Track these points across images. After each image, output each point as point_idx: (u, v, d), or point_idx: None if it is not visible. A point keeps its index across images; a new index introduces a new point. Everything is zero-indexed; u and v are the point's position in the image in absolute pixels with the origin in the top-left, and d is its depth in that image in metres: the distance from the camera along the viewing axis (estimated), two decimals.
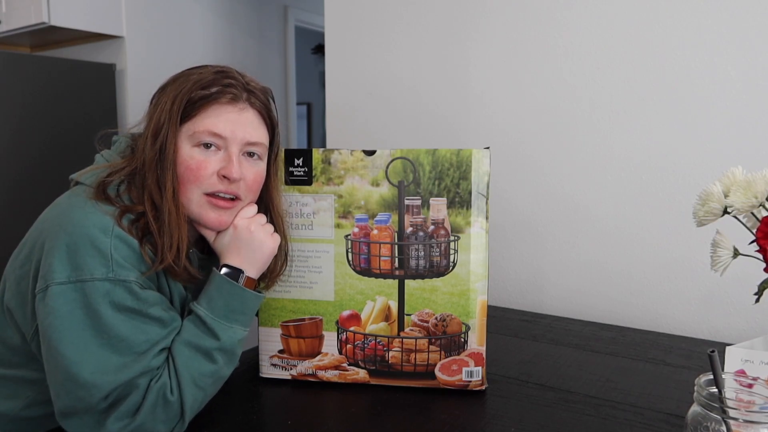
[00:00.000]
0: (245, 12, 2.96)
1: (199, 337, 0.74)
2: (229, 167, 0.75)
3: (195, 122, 0.75)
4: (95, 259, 0.68)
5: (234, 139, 0.76)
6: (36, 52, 2.78)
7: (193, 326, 0.75)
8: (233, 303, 0.76)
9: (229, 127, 0.75)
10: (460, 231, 0.85)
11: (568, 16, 1.31)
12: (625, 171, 1.27)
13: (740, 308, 1.16)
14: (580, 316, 1.33)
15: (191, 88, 0.75)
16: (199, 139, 0.75)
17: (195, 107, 0.75)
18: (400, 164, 0.86)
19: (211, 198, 0.76)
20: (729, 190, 0.70)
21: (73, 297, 0.67)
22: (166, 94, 0.76)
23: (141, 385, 0.69)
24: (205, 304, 0.76)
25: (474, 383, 0.87)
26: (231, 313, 0.76)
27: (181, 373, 0.72)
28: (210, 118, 0.75)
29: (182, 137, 0.75)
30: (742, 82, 1.14)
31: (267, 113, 0.81)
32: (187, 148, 0.75)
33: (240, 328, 0.77)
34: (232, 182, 0.76)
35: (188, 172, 0.75)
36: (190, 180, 0.75)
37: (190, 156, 0.75)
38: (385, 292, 0.87)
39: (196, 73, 0.77)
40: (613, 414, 0.81)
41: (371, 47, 1.61)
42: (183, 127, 0.75)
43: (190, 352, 0.73)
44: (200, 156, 0.75)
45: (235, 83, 0.77)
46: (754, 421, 0.51)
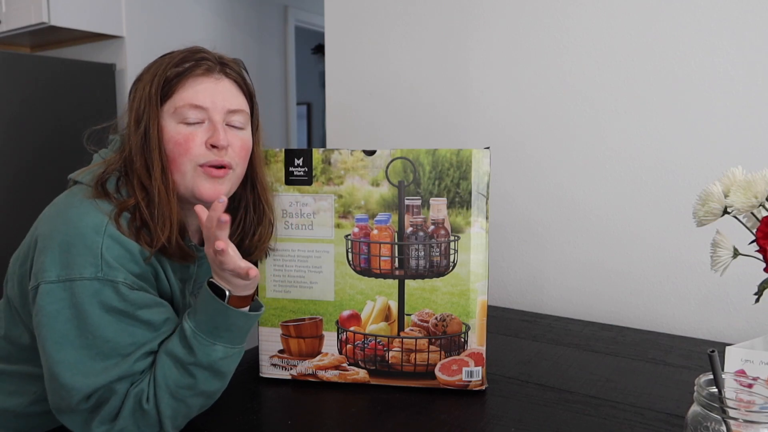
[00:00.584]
0: (245, 12, 2.96)
1: (179, 349, 0.72)
2: (215, 136, 0.76)
3: (174, 99, 0.76)
4: (85, 258, 0.68)
5: (215, 109, 0.77)
6: (36, 52, 2.78)
7: (177, 337, 0.73)
8: (217, 319, 0.72)
9: (209, 98, 0.76)
10: (460, 231, 0.85)
11: (568, 16, 1.31)
12: (625, 171, 1.27)
13: (740, 308, 1.16)
14: (580, 316, 1.33)
15: (165, 68, 0.76)
16: (183, 115, 0.75)
17: (172, 85, 0.76)
18: (400, 164, 0.86)
19: (204, 168, 0.76)
20: (729, 190, 0.70)
21: (61, 296, 0.68)
22: (142, 81, 0.78)
23: (119, 390, 0.69)
24: (192, 316, 0.73)
25: (474, 383, 0.87)
26: (215, 330, 0.72)
27: (158, 382, 0.70)
28: (188, 91, 0.76)
29: (165, 117, 0.76)
30: (742, 82, 1.14)
31: (243, 82, 0.82)
32: (172, 125, 0.76)
33: (223, 346, 0.72)
34: (221, 149, 0.76)
35: (177, 147, 0.75)
36: (180, 153, 0.75)
37: (176, 132, 0.75)
38: (385, 292, 0.87)
39: (167, 56, 0.79)
40: (613, 414, 0.81)
41: (371, 47, 1.61)
42: (164, 107, 0.76)
43: (169, 362, 0.71)
44: (186, 130, 0.76)
45: (207, 56, 0.79)
46: (754, 421, 0.51)
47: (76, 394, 0.67)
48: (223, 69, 0.79)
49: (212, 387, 0.73)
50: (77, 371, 0.67)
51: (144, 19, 2.49)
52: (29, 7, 2.23)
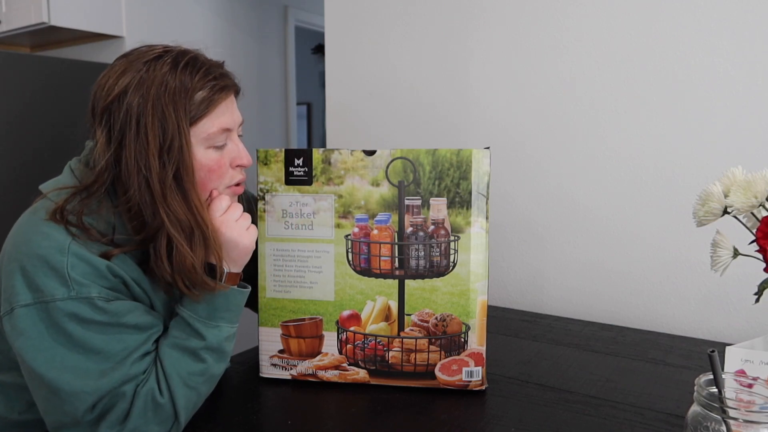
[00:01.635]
0: (245, 12, 2.95)
1: (185, 339, 0.73)
2: (241, 155, 0.77)
3: (205, 125, 0.73)
4: (53, 281, 0.66)
5: (235, 127, 0.78)
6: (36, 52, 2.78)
7: (178, 328, 0.74)
8: (216, 301, 0.75)
9: (232, 118, 0.77)
10: (460, 231, 0.85)
11: (568, 16, 1.31)
12: (625, 171, 1.27)
13: (740, 308, 1.16)
14: (580, 316, 1.33)
15: (190, 90, 0.71)
16: (214, 140, 0.75)
17: (200, 110, 0.73)
18: (400, 164, 0.86)
19: (231, 188, 0.79)
20: (729, 190, 0.70)
21: (40, 317, 0.66)
22: (146, 104, 0.69)
23: (127, 392, 0.68)
24: (188, 304, 0.74)
25: (474, 383, 0.87)
26: (215, 312, 0.75)
27: (169, 374, 0.71)
28: (219, 118, 0.75)
29: (194, 142, 0.73)
30: (742, 82, 1.14)
31: (237, 85, 0.81)
32: (201, 151, 0.74)
33: (226, 325, 0.76)
34: (247, 167, 0.80)
35: (210, 173, 0.75)
36: (213, 179, 0.76)
37: (207, 158, 0.75)
38: (385, 292, 0.87)
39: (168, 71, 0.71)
40: (613, 414, 0.81)
41: (371, 47, 1.61)
42: (192, 131, 0.73)
43: (177, 353, 0.72)
44: (216, 155, 0.75)
45: (224, 72, 0.77)
46: (754, 421, 0.51)
47: (81, 405, 0.66)
48: (234, 83, 0.79)
49: (219, 369, 0.76)
50: (77, 382, 0.66)
51: (144, 19, 2.49)
52: (29, 7, 2.23)
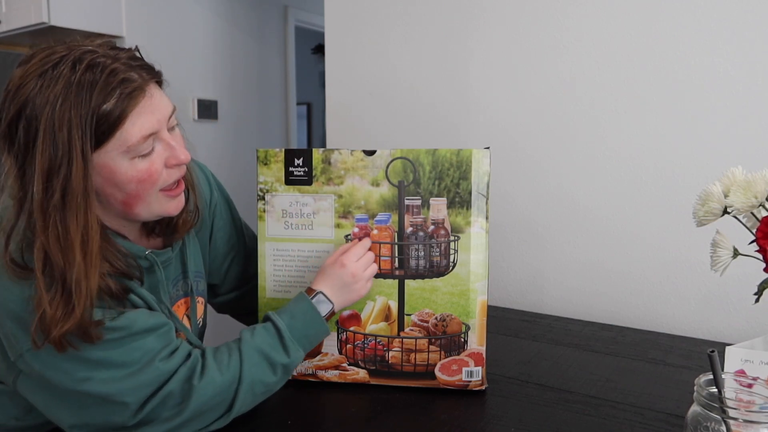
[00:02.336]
0: (245, 12, 2.95)
1: (273, 348, 0.76)
2: (174, 154, 0.71)
3: (122, 138, 0.66)
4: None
5: (161, 125, 0.70)
6: None
7: (269, 336, 0.76)
8: (310, 330, 0.79)
9: (155, 119, 0.68)
10: (460, 231, 0.85)
11: (568, 16, 1.31)
12: (625, 171, 1.27)
13: (740, 308, 1.16)
14: (580, 316, 1.33)
15: (92, 106, 0.63)
16: (138, 150, 0.67)
17: (110, 125, 0.65)
18: (400, 164, 0.86)
19: (167, 191, 0.73)
20: (729, 190, 0.70)
21: (51, 354, 0.65)
22: (42, 122, 0.62)
23: (174, 391, 0.69)
24: (287, 320, 0.78)
25: (474, 383, 0.87)
26: (304, 338, 0.79)
27: (244, 375, 0.73)
28: (136, 126, 0.66)
29: (112, 158, 0.66)
30: (742, 82, 1.14)
31: (155, 74, 0.71)
32: (125, 164, 0.67)
33: (303, 354, 0.79)
34: (184, 163, 0.73)
35: (142, 183, 0.69)
36: (146, 188, 0.70)
37: (135, 169, 0.68)
38: (385, 292, 0.87)
39: (64, 82, 0.63)
40: (613, 414, 0.81)
41: (371, 47, 1.61)
42: (105, 148, 0.65)
43: (260, 359, 0.75)
44: (145, 164, 0.69)
45: (130, 74, 0.66)
46: (754, 421, 0.51)
47: (125, 411, 0.67)
48: (142, 75, 0.68)
49: (277, 388, 0.77)
50: (110, 399, 0.66)
51: (144, 19, 2.49)
52: (29, 7, 2.23)
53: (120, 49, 0.69)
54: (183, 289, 0.86)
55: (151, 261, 0.77)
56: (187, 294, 0.87)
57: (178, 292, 0.86)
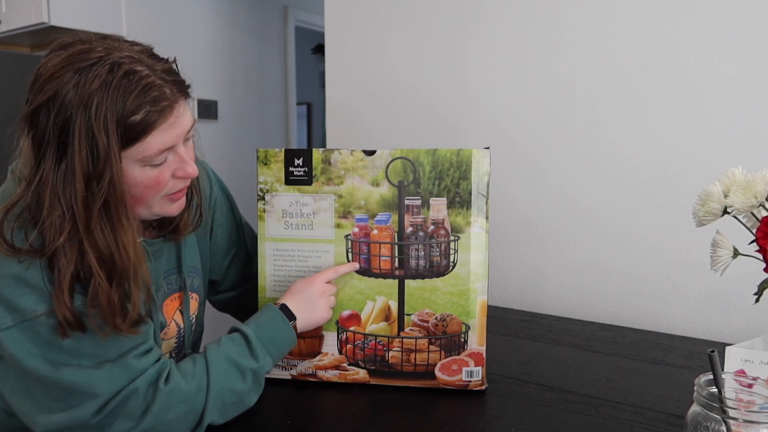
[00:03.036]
0: (245, 12, 2.96)
1: (241, 355, 0.76)
2: (184, 167, 0.72)
3: (141, 147, 0.67)
4: (31, 297, 0.65)
5: (179, 141, 0.71)
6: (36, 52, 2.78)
7: (235, 344, 0.77)
8: (278, 337, 0.80)
9: (176, 134, 0.69)
10: (460, 231, 0.85)
11: (568, 16, 1.31)
12: (625, 171, 1.27)
13: (740, 308, 1.16)
14: (580, 316, 1.33)
15: (121, 114, 0.64)
16: (153, 160, 0.68)
17: (135, 133, 0.65)
18: (400, 164, 0.86)
19: (170, 196, 0.74)
20: (729, 190, 0.70)
21: (26, 336, 0.65)
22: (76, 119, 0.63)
23: (140, 388, 0.68)
24: (254, 327, 0.79)
25: (474, 383, 0.87)
26: (272, 345, 0.79)
27: (212, 383, 0.72)
28: (157, 140, 0.67)
29: (128, 162, 0.67)
30: (742, 82, 1.14)
31: (185, 91, 0.72)
32: (137, 170, 0.68)
33: (272, 361, 0.79)
34: (189, 177, 0.74)
35: (148, 190, 0.70)
36: (150, 194, 0.71)
37: (144, 176, 0.69)
38: (385, 292, 0.87)
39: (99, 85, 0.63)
40: (613, 414, 0.81)
41: (371, 47, 1.61)
42: (126, 154, 0.66)
43: (227, 366, 0.74)
44: (154, 172, 0.70)
45: (161, 91, 0.66)
46: (754, 421, 0.51)
47: (90, 407, 0.66)
48: (173, 91, 0.69)
49: (251, 400, 0.77)
50: (83, 382, 0.66)
51: (144, 19, 2.49)
52: (29, 7, 2.23)
53: (158, 59, 0.70)
54: (177, 283, 0.86)
55: (144, 250, 0.76)
56: (181, 289, 0.86)
57: (172, 286, 0.85)
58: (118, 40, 0.69)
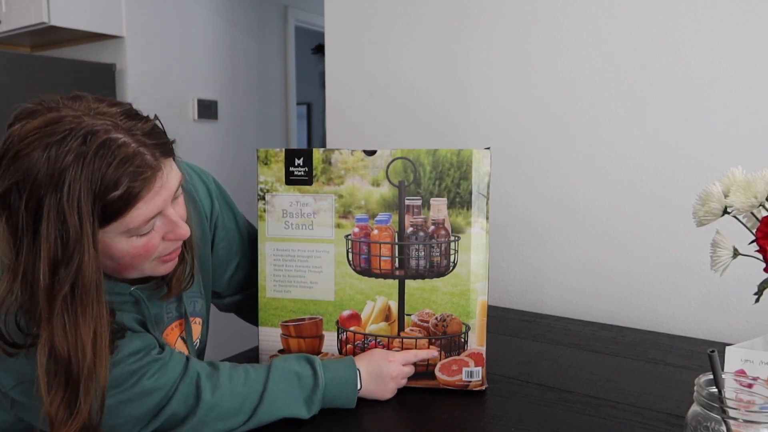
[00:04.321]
0: (245, 12, 2.95)
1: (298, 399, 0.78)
2: (177, 231, 0.67)
3: (124, 222, 0.62)
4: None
5: (167, 205, 0.66)
6: (36, 52, 2.78)
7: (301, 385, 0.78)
8: (338, 398, 0.80)
9: (162, 199, 0.64)
10: (461, 231, 0.85)
11: (568, 16, 1.31)
12: (625, 171, 1.27)
13: (740, 308, 1.16)
14: (580, 316, 1.33)
15: (97, 193, 0.58)
16: (138, 231, 0.64)
17: (114, 210, 0.60)
18: (400, 164, 0.86)
19: (161, 258, 0.70)
20: (729, 190, 0.70)
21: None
22: (49, 205, 0.57)
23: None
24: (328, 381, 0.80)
25: (474, 383, 0.87)
26: (328, 401, 0.80)
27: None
28: (140, 210, 0.62)
29: (111, 235, 0.63)
30: (742, 82, 1.14)
31: (169, 151, 0.66)
32: (123, 240, 0.64)
33: (304, 410, 0.78)
34: (180, 240, 0.69)
35: (137, 258, 0.66)
36: (140, 261, 0.67)
37: (131, 246, 0.65)
38: (386, 292, 0.87)
39: (76, 165, 0.57)
40: (613, 414, 0.81)
41: (371, 47, 1.61)
42: (106, 229, 0.62)
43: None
44: (141, 241, 0.65)
45: (144, 160, 0.61)
46: (754, 421, 0.51)
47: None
48: (155, 154, 0.63)
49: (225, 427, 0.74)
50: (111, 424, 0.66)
51: (144, 19, 2.49)
52: (29, 7, 2.23)
53: (137, 119, 0.63)
54: (177, 311, 0.84)
55: (137, 297, 0.75)
56: (181, 316, 0.84)
57: (172, 315, 0.84)
58: (90, 101, 0.63)
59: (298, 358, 0.81)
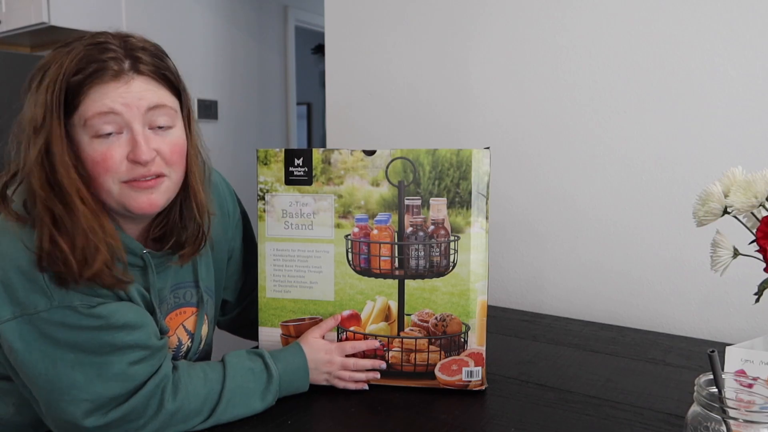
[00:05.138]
0: (245, 12, 2.96)
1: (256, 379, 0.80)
2: (136, 150, 0.68)
3: (82, 110, 0.67)
4: (33, 294, 0.65)
5: (131, 113, 0.68)
6: (36, 52, 2.78)
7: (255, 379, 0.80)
8: (291, 385, 0.83)
9: (119, 101, 0.67)
10: (460, 231, 0.85)
11: (567, 15, 1.31)
12: (625, 171, 1.27)
13: (740, 308, 1.16)
14: (580, 316, 1.33)
15: (66, 74, 0.66)
16: (95, 128, 0.67)
17: (76, 95, 0.66)
18: (400, 164, 0.86)
19: (131, 183, 0.70)
20: (729, 190, 0.70)
21: (26, 329, 0.65)
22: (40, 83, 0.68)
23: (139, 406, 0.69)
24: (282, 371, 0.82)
25: (474, 383, 0.87)
26: (281, 390, 0.82)
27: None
28: (95, 102, 0.66)
29: (77, 131, 0.68)
30: (742, 82, 1.14)
31: (162, 73, 0.72)
32: (86, 140, 0.68)
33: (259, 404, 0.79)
34: (145, 164, 0.69)
35: (96, 166, 0.68)
36: (100, 173, 0.68)
37: (92, 149, 0.68)
38: (385, 292, 0.87)
39: (64, 52, 0.68)
40: (613, 414, 0.81)
41: (371, 47, 1.61)
42: (72, 120, 0.67)
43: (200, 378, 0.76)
44: (102, 146, 0.68)
45: (113, 55, 0.68)
46: (754, 421, 0.51)
47: (77, 409, 0.66)
48: (134, 65, 0.69)
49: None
50: (71, 381, 0.66)
51: (144, 19, 2.49)
52: (29, 7, 2.23)
53: (140, 42, 0.72)
54: (186, 298, 0.85)
55: (146, 262, 0.76)
56: (187, 304, 0.85)
57: (179, 300, 0.85)
58: (134, 36, 0.72)
59: (249, 353, 0.83)
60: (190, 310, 0.86)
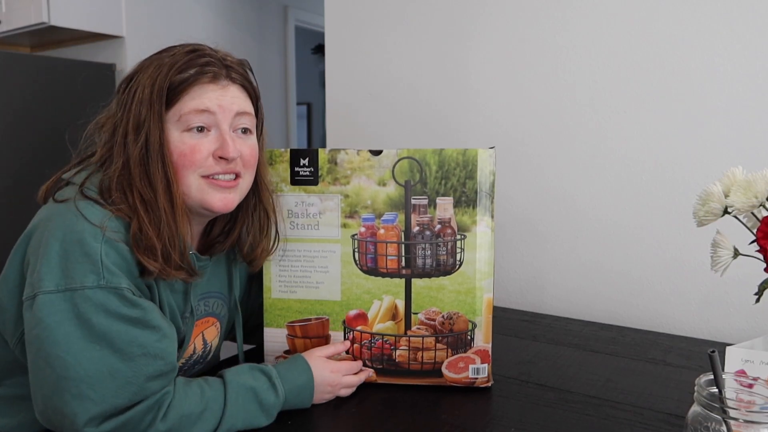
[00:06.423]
0: (245, 12, 2.95)
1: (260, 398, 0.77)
2: (224, 147, 0.73)
3: (179, 106, 0.73)
4: (85, 266, 0.65)
5: (223, 114, 0.74)
6: (36, 52, 2.77)
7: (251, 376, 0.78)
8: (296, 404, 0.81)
9: (215, 102, 0.74)
10: (467, 230, 0.86)
11: (567, 15, 1.32)
12: (625, 171, 1.28)
13: (740, 308, 1.17)
14: (580, 316, 1.34)
15: (168, 74, 0.72)
16: (188, 122, 0.73)
17: (176, 92, 0.73)
18: (406, 164, 0.86)
19: (210, 180, 0.74)
20: (729, 190, 0.70)
21: (63, 306, 0.64)
22: (139, 83, 0.73)
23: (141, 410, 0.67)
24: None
25: (480, 380, 0.88)
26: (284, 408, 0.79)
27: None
28: (194, 100, 0.73)
29: (169, 125, 0.73)
30: (742, 82, 1.14)
31: (249, 85, 0.80)
32: (176, 134, 0.73)
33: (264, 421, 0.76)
34: (230, 161, 0.74)
35: (182, 158, 0.72)
36: (185, 165, 0.73)
37: (181, 142, 0.73)
38: (392, 291, 0.88)
39: (167, 56, 0.74)
40: (613, 414, 0.81)
41: (371, 47, 1.62)
42: (167, 115, 0.73)
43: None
44: (192, 140, 0.73)
45: (212, 61, 0.75)
46: (755, 421, 0.51)
47: (83, 412, 0.64)
48: (228, 74, 0.76)
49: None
50: (86, 376, 0.64)
51: (144, 19, 2.49)
52: (29, 7, 2.23)
53: (236, 60, 0.81)
54: (215, 309, 0.86)
55: (191, 262, 0.76)
56: (214, 315, 0.87)
57: (208, 310, 0.85)
58: (223, 51, 0.80)
59: (252, 370, 0.79)
60: (213, 320, 0.87)
